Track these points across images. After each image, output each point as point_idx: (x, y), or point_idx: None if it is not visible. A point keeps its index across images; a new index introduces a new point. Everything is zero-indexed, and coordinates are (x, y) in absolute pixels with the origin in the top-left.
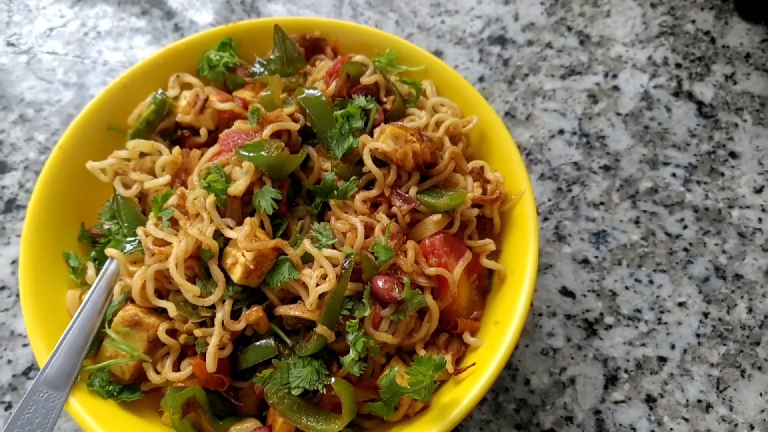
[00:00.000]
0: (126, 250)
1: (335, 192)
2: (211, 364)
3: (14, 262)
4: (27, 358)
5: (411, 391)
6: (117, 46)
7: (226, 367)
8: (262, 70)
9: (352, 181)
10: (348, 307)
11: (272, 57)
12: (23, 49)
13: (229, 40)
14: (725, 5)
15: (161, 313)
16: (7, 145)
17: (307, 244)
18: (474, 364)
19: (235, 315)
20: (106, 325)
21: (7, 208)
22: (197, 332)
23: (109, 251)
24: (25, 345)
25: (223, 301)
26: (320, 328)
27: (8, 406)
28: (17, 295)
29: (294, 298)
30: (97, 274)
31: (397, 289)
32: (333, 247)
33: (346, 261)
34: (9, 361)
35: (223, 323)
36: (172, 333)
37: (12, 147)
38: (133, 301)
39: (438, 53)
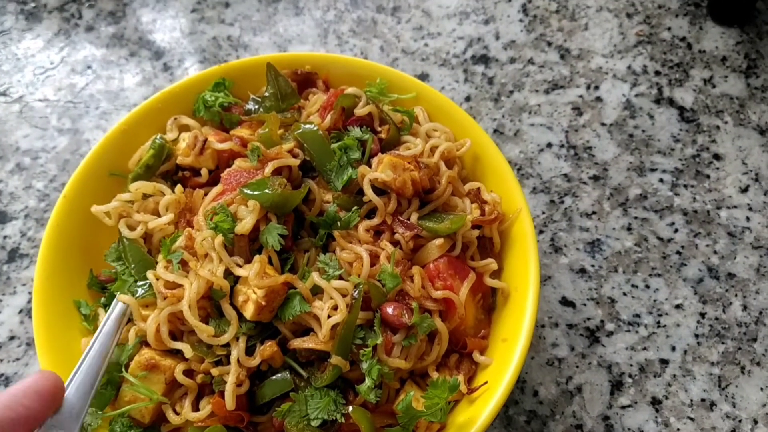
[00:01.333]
0: (138, 295)
1: (338, 223)
2: (230, 402)
3: (22, 311)
4: None
5: (427, 414)
6: (108, 89)
7: (244, 403)
8: (257, 107)
9: (354, 211)
10: (360, 335)
11: (266, 94)
12: (15, 98)
13: (222, 80)
14: (698, 11)
15: (177, 354)
16: (6, 194)
17: (315, 277)
18: (486, 382)
19: (249, 351)
20: (123, 370)
21: (10, 258)
22: (214, 371)
23: (121, 297)
24: None
25: (237, 339)
26: (335, 359)
27: None
28: (27, 344)
29: (306, 330)
30: None
31: (406, 315)
32: (340, 277)
33: (355, 291)
34: None
35: (238, 360)
36: (189, 373)
37: (11, 196)
38: (148, 345)
39: (424, 76)
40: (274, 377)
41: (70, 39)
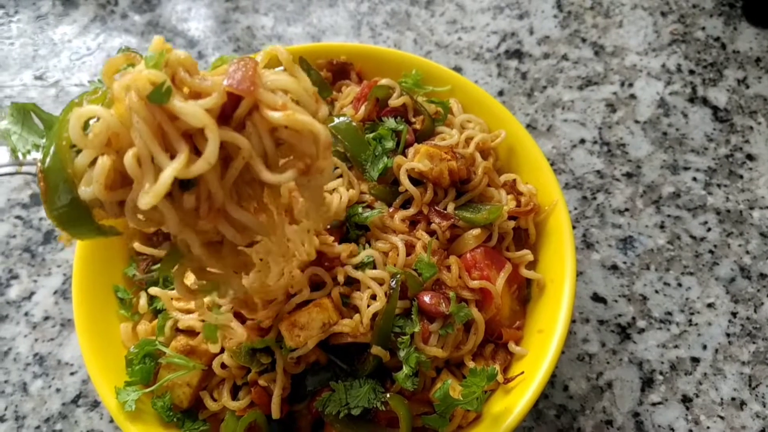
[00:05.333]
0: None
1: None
2: (276, 412)
3: (56, 292)
4: (75, 387)
5: (464, 402)
6: None
7: (285, 396)
8: None
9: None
10: (398, 324)
11: None
12: (51, 83)
13: None
14: (733, 11)
15: None
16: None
17: (349, 269)
18: (522, 372)
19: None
20: (164, 353)
21: (45, 240)
22: (261, 381)
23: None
24: (72, 373)
25: (281, 347)
26: (375, 349)
27: None
28: (62, 325)
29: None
30: (149, 304)
31: (443, 304)
32: (373, 266)
33: (392, 280)
34: (58, 390)
35: (284, 369)
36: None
37: None
38: (182, 332)
39: (457, 70)
40: (315, 371)
41: (106, 25)
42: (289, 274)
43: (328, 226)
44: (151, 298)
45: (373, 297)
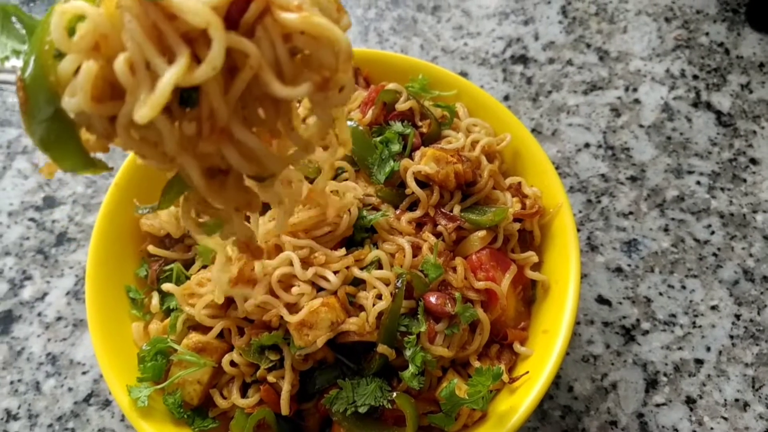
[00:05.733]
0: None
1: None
2: (285, 408)
3: (69, 293)
4: (87, 386)
5: (470, 401)
6: None
7: (293, 394)
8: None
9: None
10: (404, 323)
11: None
12: None
13: None
14: (737, 17)
15: (224, 338)
16: (54, 180)
17: (356, 270)
18: (528, 372)
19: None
20: (176, 351)
21: (58, 241)
22: (270, 378)
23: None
24: (84, 373)
25: (288, 344)
26: (381, 348)
27: None
28: (74, 325)
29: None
30: (161, 304)
31: (449, 304)
32: (379, 267)
33: (398, 281)
34: (70, 389)
35: (293, 366)
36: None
37: (60, 182)
38: (194, 329)
39: (463, 75)
40: (323, 369)
41: None
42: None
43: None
44: (163, 298)
45: (379, 297)
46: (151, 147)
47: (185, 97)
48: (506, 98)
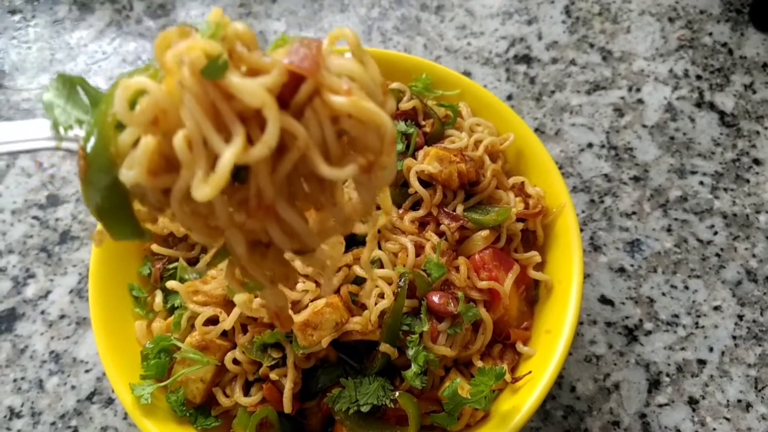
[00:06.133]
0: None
1: None
2: (288, 406)
3: (72, 291)
4: (90, 384)
5: (472, 401)
6: None
7: (295, 392)
8: None
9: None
10: (407, 322)
11: None
12: None
13: None
14: (740, 17)
15: (227, 336)
16: (58, 178)
17: (357, 269)
18: (530, 372)
19: None
20: (179, 349)
21: (62, 240)
22: (272, 375)
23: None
24: (87, 371)
25: (291, 341)
26: (383, 347)
27: (75, 430)
28: (77, 323)
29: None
30: (164, 302)
31: (452, 304)
32: (380, 266)
33: (401, 280)
34: (73, 387)
35: (295, 364)
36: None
37: (63, 180)
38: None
39: (466, 74)
40: (325, 368)
41: (121, 30)
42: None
43: None
44: (166, 296)
45: (382, 296)
46: (199, 220)
47: (234, 174)
48: (509, 98)
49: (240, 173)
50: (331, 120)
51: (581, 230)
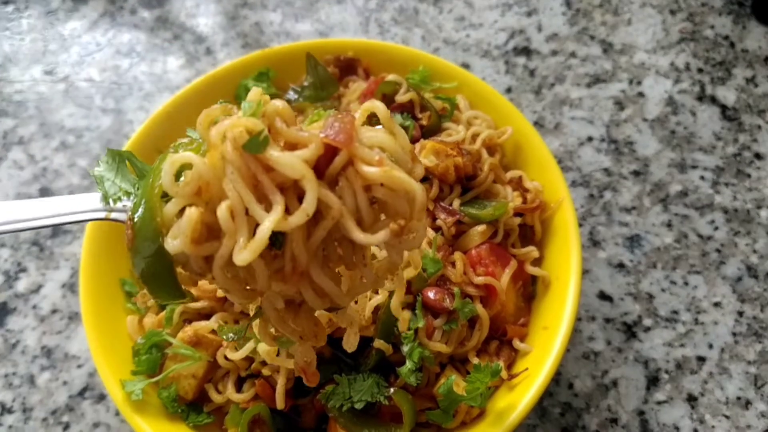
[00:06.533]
0: None
1: None
2: (281, 403)
3: (64, 285)
4: (82, 379)
5: (468, 398)
6: (152, 71)
7: (288, 388)
8: (296, 96)
9: None
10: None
11: (306, 83)
12: (60, 77)
13: (267, 71)
14: (742, 10)
15: None
16: (50, 171)
17: None
18: (527, 369)
19: None
20: (169, 337)
21: (54, 233)
22: (265, 371)
23: None
24: (79, 366)
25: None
26: (378, 342)
27: (66, 426)
28: (69, 318)
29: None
30: None
31: (448, 300)
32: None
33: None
34: (65, 383)
35: None
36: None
37: (55, 173)
38: (191, 322)
39: (465, 66)
40: (319, 364)
41: (115, 21)
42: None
43: None
44: None
45: (375, 291)
46: (238, 283)
47: (272, 241)
48: (508, 90)
49: (277, 239)
50: (364, 188)
51: (580, 225)
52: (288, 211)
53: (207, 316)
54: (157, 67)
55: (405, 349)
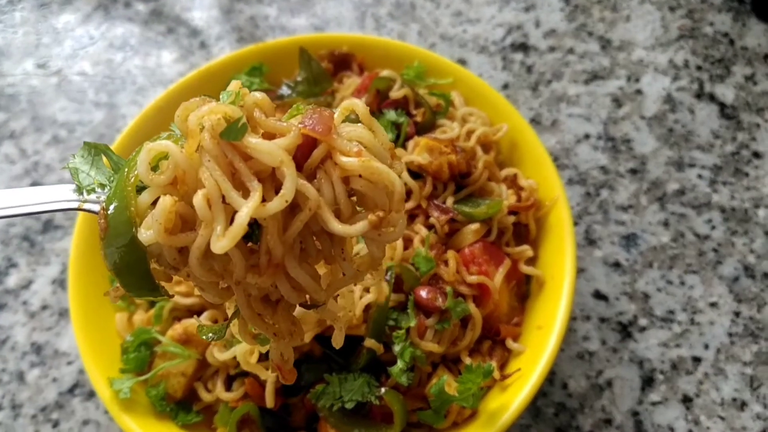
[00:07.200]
0: None
1: None
2: (270, 401)
3: (55, 281)
4: (72, 376)
5: (460, 398)
6: (145, 65)
7: (278, 387)
8: (290, 92)
9: None
10: (393, 317)
11: (299, 79)
12: (53, 71)
13: (260, 65)
14: (742, 7)
15: None
16: (42, 165)
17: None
18: (519, 369)
19: None
20: (158, 335)
21: (45, 229)
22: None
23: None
24: (69, 363)
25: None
26: (368, 342)
27: (56, 424)
28: (59, 314)
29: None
30: None
31: (440, 299)
32: None
33: (387, 273)
34: (54, 379)
35: None
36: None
37: (47, 168)
38: (180, 319)
39: (461, 62)
40: (310, 363)
41: (109, 14)
42: None
43: None
44: None
45: (367, 289)
46: (213, 276)
47: (249, 233)
48: (505, 87)
49: (254, 232)
50: (343, 180)
51: (576, 223)
52: (266, 201)
53: (198, 313)
54: (150, 61)
55: (396, 348)
